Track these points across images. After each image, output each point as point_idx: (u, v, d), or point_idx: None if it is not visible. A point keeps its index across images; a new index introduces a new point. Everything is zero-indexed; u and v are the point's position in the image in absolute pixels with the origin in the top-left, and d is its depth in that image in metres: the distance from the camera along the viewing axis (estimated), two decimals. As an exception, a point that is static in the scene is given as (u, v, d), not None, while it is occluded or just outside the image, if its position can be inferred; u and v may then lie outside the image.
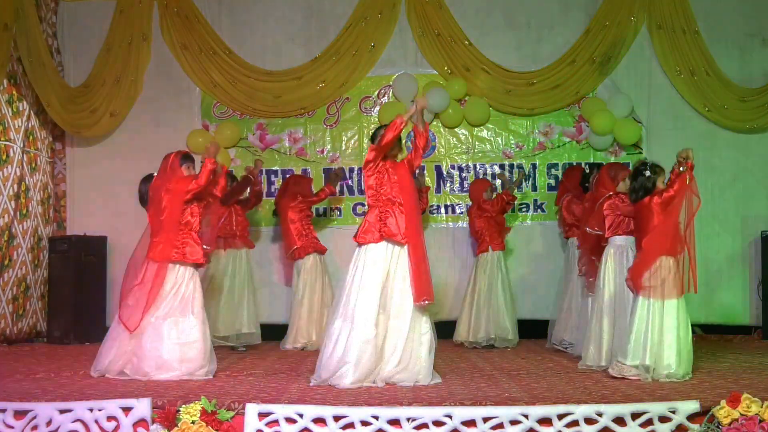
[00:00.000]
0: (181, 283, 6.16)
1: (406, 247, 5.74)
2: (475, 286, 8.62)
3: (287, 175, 9.26)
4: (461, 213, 9.50)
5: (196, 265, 6.30)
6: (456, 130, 9.61)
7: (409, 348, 5.67)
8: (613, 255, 6.58)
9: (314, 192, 8.89)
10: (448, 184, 9.58)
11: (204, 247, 6.33)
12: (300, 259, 8.55)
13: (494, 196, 8.72)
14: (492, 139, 9.64)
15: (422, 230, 5.99)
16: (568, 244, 8.46)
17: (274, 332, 8.78)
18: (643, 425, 4.47)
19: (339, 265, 8.68)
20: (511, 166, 9.57)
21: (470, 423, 4.46)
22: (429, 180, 9.50)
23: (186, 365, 6.02)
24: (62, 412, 4.63)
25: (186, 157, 6.40)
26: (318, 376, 5.67)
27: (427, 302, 5.69)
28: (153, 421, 4.53)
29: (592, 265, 7.03)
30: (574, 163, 9.31)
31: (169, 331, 6.07)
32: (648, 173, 6.09)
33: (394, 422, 4.46)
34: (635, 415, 4.49)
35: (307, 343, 8.35)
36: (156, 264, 6.11)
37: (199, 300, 6.23)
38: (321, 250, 8.67)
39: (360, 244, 5.81)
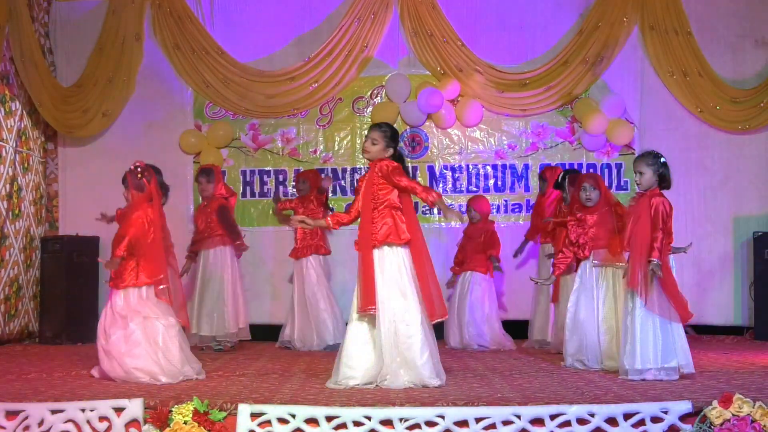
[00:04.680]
0: None
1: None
2: None
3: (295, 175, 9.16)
4: (454, 213, 9.47)
5: None
6: (449, 130, 9.61)
7: (393, 353, 5.56)
8: None
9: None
10: (440, 185, 9.58)
11: None
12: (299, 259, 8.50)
13: None
14: (485, 139, 9.64)
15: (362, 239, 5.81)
16: (543, 248, 8.39)
17: (271, 332, 8.80)
18: (635, 426, 4.47)
19: (331, 264, 8.69)
20: (504, 166, 9.59)
21: (462, 423, 4.46)
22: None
23: None
24: (54, 412, 4.63)
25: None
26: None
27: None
28: (145, 422, 4.52)
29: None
30: (567, 165, 9.27)
31: None
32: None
33: (387, 423, 4.46)
34: (627, 416, 4.50)
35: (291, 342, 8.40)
36: None
37: None
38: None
39: None
